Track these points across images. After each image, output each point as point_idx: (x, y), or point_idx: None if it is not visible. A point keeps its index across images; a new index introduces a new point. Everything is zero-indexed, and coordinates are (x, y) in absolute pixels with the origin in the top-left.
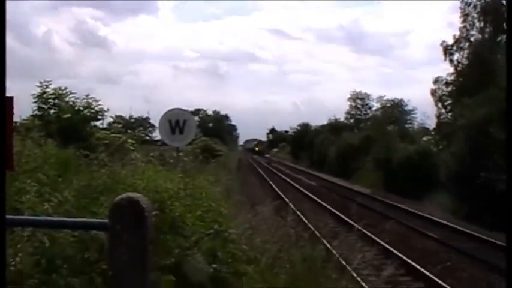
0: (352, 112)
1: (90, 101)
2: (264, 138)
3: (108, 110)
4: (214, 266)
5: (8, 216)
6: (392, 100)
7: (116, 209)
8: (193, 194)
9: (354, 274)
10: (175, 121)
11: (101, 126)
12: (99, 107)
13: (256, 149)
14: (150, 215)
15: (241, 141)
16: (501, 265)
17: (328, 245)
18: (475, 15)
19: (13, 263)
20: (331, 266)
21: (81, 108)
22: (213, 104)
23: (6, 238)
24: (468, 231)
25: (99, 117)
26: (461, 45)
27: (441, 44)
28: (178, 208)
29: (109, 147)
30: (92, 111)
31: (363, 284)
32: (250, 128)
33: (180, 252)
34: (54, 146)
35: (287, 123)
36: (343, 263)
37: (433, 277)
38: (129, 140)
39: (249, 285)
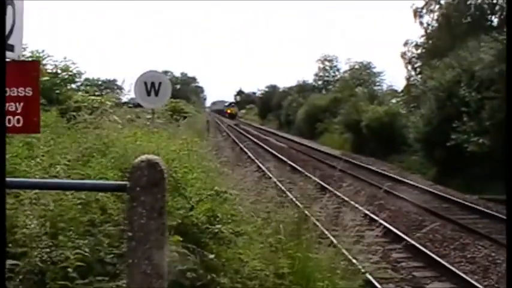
0: (321, 74)
1: (68, 63)
2: (232, 100)
3: (85, 72)
4: (218, 226)
5: (18, 179)
6: (361, 62)
7: (136, 171)
8: (188, 154)
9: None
10: (151, 83)
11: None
12: (77, 69)
13: (228, 111)
14: (166, 177)
15: (208, 103)
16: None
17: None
18: None
19: (20, 225)
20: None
21: (59, 71)
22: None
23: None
24: (437, 192)
25: (77, 79)
26: (431, 7)
27: (411, 7)
28: (179, 169)
29: (88, 110)
30: (70, 73)
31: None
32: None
33: (184, 213)
34: None
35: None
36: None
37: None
38: (108, 102)
39: (248, 243)
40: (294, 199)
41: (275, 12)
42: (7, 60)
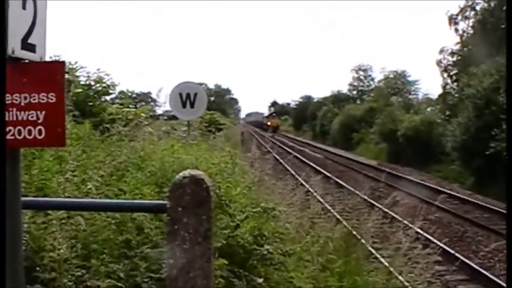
0: (355, 84)
1: (101, 75)
2: (266, 112)
3: (119, 84)
4: (267, 247)
5: (49, 199)
6: (395, 71)
7: (177, 188)
8: (230, 169)
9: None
10: (186, 94)
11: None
12: (110, 81)
13: (269, 123)
14: (212, 195)
15: (242, 115)
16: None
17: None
18: None
19: (49, 248)
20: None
21: (93, 83)
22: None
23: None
24: (475, 201)
25: (111, 91)
26: (466, 14)
27: (446, 14)
28: (222, 185)
29: (122, 122)
30: (104, 85)
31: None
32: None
33: (228, 233)
34: (69, 121)
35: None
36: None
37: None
38: (142, 114)
39: (298, 264)
40: (333, 212)
41: (308, 23)
42: (26, 61)
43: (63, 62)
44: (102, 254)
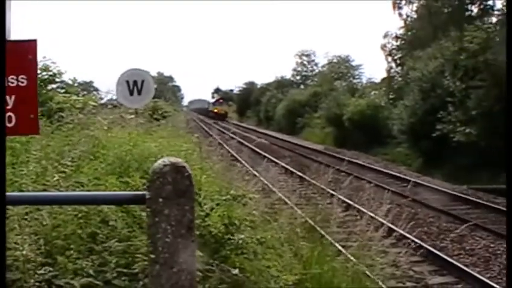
0: (299, 69)
1: (47, 63)
2: (210, 98)
3: (65, 72)
4: (241, 236)
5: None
6: (339, 56)
7: (158, 178)
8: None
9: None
10: (133, 81)
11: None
12: (57, 69)
13: (215, 110)
14: (194, 183)
15: (185, 102)
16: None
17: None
18: None
19: (13, 246)
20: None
21: (39, 71)
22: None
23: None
24: (424, 182)
25: (57, 79)
26: None
27: None
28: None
29: (74, 110)
30: (50, 73)
31: None
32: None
33: (200, 223)
34: None
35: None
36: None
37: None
38: (91, 103)
39: (266, 253)
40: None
41: (249, 7)
42: None
43: (35, 41)
44: (69, 250)
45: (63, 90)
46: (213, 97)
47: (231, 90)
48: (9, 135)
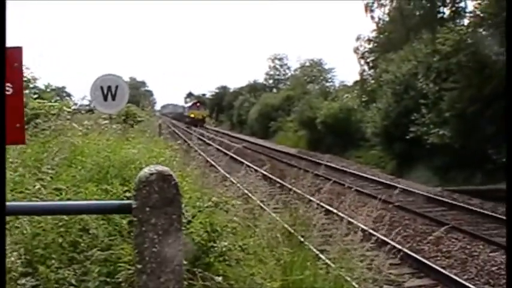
0: (271, 72)
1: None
2: (182, 103)
3: (40, 78)
4: (224, 243)
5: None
6: (312, 59)
7: (144, 186)
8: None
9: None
10: (107, 87)
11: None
12: (31, 74)
13: (192, 115)
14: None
15: (158, 107)
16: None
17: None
18: None
19: None
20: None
21: None
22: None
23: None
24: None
25: (30, 85)
26: (382, 1)
27: (362, 1)
28: None
29: (46, 117)
30: (24, 79)
31: None
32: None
33: (183, 230)
34: None
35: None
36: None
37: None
38: (65, 109)
39: (250, 259)
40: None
41: (220, 11)
42: None
43: (20, 48)
44: (50, 259)
45: (35, 96)
46: (185, 101)
47: (204, 95)
48: None
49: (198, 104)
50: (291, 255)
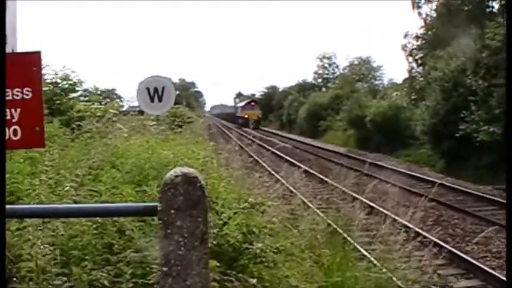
0: (320, 72)
1: (67, 72)
2: (231, 103)
3: (86, 81)
4: (259, 245)
5: (23, 206)
6: (360, 57)
7: (169, 189)
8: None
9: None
10: (154, 88)
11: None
12: (77, 78)
13: (246, 116)
14: (207, 194)
15: (207, 108)
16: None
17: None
18: None
19: (26, 257)
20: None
21: (59, 80)
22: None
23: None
24: (447, 183)
25: (77, 88)
26: None
27: None
28: (208, 181)
29: (92, 119)
30: (70, 82)
31: None
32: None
33: (217, 232)
34: None
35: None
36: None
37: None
38: (111, 111)
39: (287, 260)
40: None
41: (269, 10)
42: None
43: (39, 53)
44: (83, 261)
45: (86, 98)
46: (234, 102)
47: (253, 95)
48: (15, 148)
49: (252, 104)
50: (332, 257)
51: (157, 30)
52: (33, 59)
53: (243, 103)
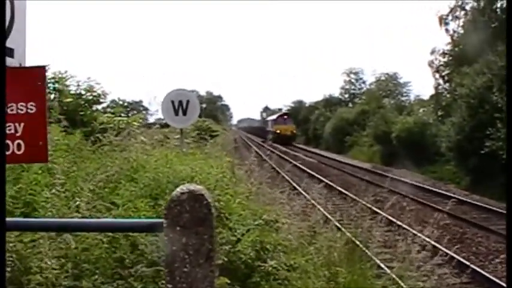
0: (347, 87)
1: (91, 83)
2: (258, 117)
3: (110, 92)
4: (271, 263)
5: (39, 219)
6: (387, 73)
7: (175, 206)
8: (227, 178)
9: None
10: (178, 102)
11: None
12: (101, 89)
13: (278, 131)
14: (214, 212)
15: (234, 121)
16: None
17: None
18: None
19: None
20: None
21: (83, 92)
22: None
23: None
24: (472, 201)
25: (101, 100)
26: (457, 14)
27: (436, 14)
28: (222, 197)
29: (114, 131)
30: (94, 94)
31: None
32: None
33: (230, 249)
34: (60, 131)
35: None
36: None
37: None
38: (134, 123)
39: (301, 277)
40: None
41: (296, 27)
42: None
43: (43, 67)
44: (94, 274)
45: (112, 110)
46: (261, 116)
47: (280, 109)
48: (19, 162)
49: (285, 117)
50: (350, 274)
51: (188, 43)
52: (38, 73)
53: (274, 116)
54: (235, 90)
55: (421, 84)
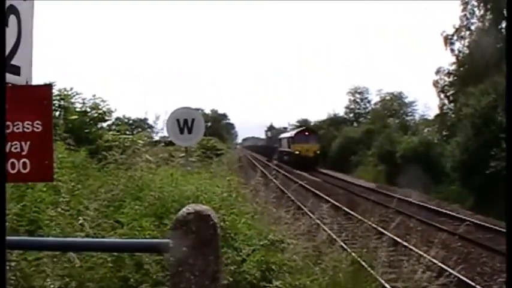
0: (352, 106)
1: (97, 101)
2: (262, 136)
3: (115, 110)
4: (276, 283)
5: (43, 239)
6: (392, 93)
7: (181, 226)
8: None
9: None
10: (184, 120)
11: (107, 127)
12: (107, 107)
13: (297, 151)
14: (219, 232)
15: (239, 140)
16: None
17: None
18: (475, 3)
19: None
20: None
21: (88, 109)
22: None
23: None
24: (476, 221)
25: (107, 118)
26: (462, 34)
27: (441, 34)
28: (227, 217)
29: (119, 149)
30: (100, 111)
31: None
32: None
33: (235, 269)
34: (65, 149)
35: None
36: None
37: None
38: (139, 141)
39: None
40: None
41: (300, 44)
42: (9, 85)
43: (50, 86)
44: None
45: (117, 128)
46: (266, 134)
47: (285, 128)
48: (24, 181)
49: (307, 133)
50: None
51: (191, 62)
52: (45, 91)
53: (291, 133)
54: (241, 109)
55: (428, 104)
